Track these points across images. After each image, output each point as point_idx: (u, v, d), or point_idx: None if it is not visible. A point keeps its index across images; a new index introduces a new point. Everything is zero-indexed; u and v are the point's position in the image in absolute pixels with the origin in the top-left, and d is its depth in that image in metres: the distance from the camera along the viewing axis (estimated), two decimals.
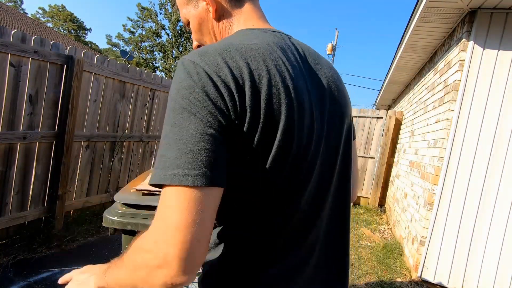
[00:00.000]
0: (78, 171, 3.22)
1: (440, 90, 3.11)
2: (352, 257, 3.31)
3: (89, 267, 0.61)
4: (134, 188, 1.15)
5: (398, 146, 5.49)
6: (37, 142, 2.74)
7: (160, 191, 0.44)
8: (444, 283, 2.68)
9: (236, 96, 0.46)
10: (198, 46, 0.69)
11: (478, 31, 2.59)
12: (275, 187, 0.51)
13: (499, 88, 2.56)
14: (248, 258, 0.54)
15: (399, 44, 4.15)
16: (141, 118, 4.01)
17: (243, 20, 0.63)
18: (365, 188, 5.85)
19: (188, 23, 0.69)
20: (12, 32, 2.44)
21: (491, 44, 2.57)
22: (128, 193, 1.14)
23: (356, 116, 5.96)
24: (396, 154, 5.50)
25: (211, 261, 0.56)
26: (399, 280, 2.83)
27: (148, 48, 19.80)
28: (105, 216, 1.04)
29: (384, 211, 5.39)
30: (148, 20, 19.06)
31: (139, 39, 19.90)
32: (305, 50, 0.62)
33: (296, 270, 0.57)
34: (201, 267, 0.55)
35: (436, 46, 3.69)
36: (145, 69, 5.48)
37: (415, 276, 2.81)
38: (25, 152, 2.65)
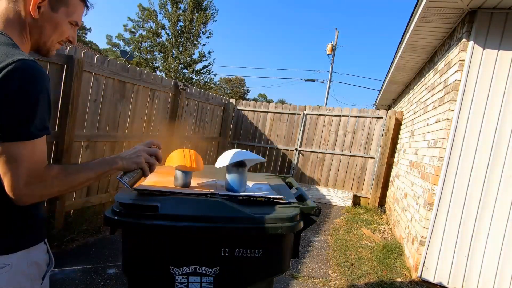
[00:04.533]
0: None
1: (440, 90, 3.11)
2: (352, 257, 3.31)
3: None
4: (132, 188, 1.16)
5: (398, 146, 5.49)
6: None
7: (158, 191, 0.44)
8: (444, 283, 2.68)
9: None
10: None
11: (478, 31, 2.59)
12: None
13: (499, 88, 2.56)
14: None
15: (399, 44, 4.15)
16: (141, 118, 4.01)
17: None
18: (365, 188, 5.85)
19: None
20: None
21: (491, 44, 2.57)
22: (128, 193, 1.14)
23: (356, 116, 5.96)
24: (396, 154, 5.50)
25: None
26: (399, 280, 2.83)
27: (148, 48, 19.78)
28: (106, 216, 1.04)
29: (384, 211, 5.39)
30: (149, 20, 19.02)
31: (140, 39, 19.87)
32: None
33: None
34: None
35: (436, 46, 3.69)
36: (145, 69, 5.49)
37: (415, 276, 2.81)
38: None
